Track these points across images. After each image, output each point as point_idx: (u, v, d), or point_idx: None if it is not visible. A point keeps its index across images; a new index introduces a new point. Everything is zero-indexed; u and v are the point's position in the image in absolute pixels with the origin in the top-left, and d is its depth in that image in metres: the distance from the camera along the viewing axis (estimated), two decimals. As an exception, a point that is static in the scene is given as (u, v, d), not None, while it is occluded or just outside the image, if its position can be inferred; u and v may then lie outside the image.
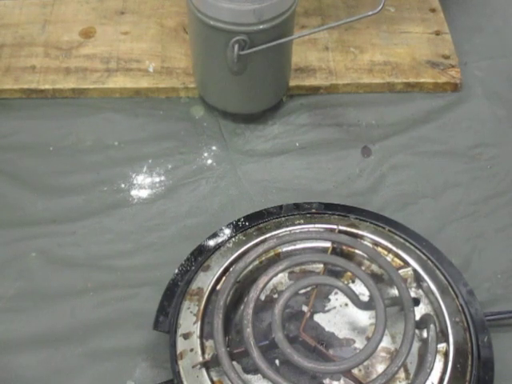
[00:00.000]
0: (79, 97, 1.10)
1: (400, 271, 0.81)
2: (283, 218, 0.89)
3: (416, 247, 0.85)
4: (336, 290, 0.83)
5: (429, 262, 0.84)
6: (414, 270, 0.82)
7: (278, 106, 1.09)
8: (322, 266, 0.83)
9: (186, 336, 0.78)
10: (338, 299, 0.83)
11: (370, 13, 0.89)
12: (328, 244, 0.84)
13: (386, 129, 1.07)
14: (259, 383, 0.77)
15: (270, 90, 1.05)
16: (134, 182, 1.00)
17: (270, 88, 1.04)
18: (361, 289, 0.82)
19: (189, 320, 0.79)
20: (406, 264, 0.83)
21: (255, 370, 0.76)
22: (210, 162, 1.03)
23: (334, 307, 0.83)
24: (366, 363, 0.76)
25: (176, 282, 0.84)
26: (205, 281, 0.82)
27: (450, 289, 0.81)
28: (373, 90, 1.11)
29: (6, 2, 1.21)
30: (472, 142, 1.05)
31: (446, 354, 0.76)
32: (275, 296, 0.84)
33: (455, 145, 1.05)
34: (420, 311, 0.80)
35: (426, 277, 0.82)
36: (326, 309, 0.82)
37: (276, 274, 0.78)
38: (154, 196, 0.99)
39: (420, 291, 0.83)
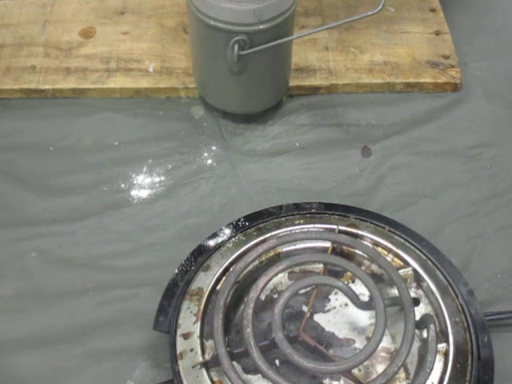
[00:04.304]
0: (79, 97, 1.10)
1: (400, 271, 0.81)
2: (283, 218, 0.89)
3: (416, 247, 0.85)
4: (336, 290, 0.83)
5: (429, 262, 0.84)
6: (414, 270, 0.82)
7: (278, 105, 1.09)
8: (321, 266, 0.83)
9: (186, 336, 0.78)
10: (337, 299, 0.83)
11: (370, 13, 0.89)
12: (328, 244, 0.84)
13: (386, 129, 1.07)
14: (259, 383, 0.77)
15: (269, 90, 1.05)
16: (134, 182, 1.00)
17: (269, 88, 1.04)
18: (361, 289, 0.82)
19: (189, 320, 0.79)
20: (406, 264, 0.83)
21: (255, 370, 0.76)
22: (209, 161, 1.03)
23: (334, 307, 0.83)
24: (365, 363, 0.76)
25: (176, 281, 0.84)
26: (205, 281, 0.82)
27: (450, 289, 0.81)
28: (373, 89, 1.11)
29: (6, 2, 1.21)
30: (472, 142, 1.05)
31: (446, 354, 0.76)
32: (275, 296, 0.84)
33: (455, 145, 1.05)
34: (420, 311, 0.80)
35: (425, 277, 0.82)
36: (326, 309, 0.82)
37: (276, 274, 0.78)
38: (153, 196, 0.99)
39: (420, 291, 0.83)
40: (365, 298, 0.82)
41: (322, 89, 1.10)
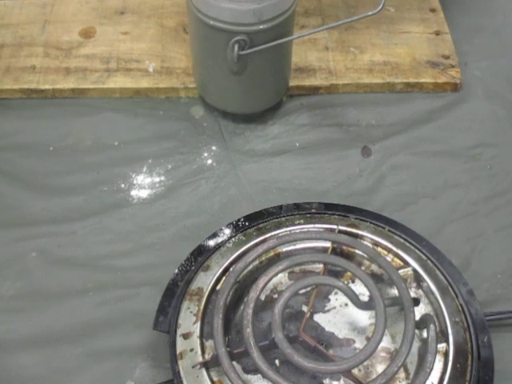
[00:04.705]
0: (79, 97, 1.10)
1: (400, 271, 0.81)
2: (283, 218, 0.89)
3: (416, 247, 0.85)
4: (336, 290, 0.83)
5: (429, 262, 0.84)
6: (414, 270, 0.82)
7: (278, 105, 1.09)
8: (322, 266, 0.83)
9: (186, 336, 0.78)
10: (337, 299, 0.83)
11: (370, 13, 0.89)
12: (328, 244, 0.84)
13: (386, 129, 1.07)
14: (259, 383, 0.77)
15: (270, 90, 1.05)
16: (134, 182, 1.00)
17: (270, 88, 1.04)
18: (361, 289, 0.82)
19: (189, 320, 0.79)
20: (406, 264, 0.83)
21: (255, 370, 0.76)
22: (209, 161, 1.03)
23: (334, 307, 0.83)
24: (365, 363, 0.76)
25: (176, 281, 0.84)
26: (205, 281, 0.82)
27: (450, 289, 0.81)
28: (373, 89, 1.11)
29: (6, 2, 1.21)
30: (472, 142, 1.05)
31: (445, 354, 0.76)
32: (275, 296, 0.84)
33: (455, 145, 1.05)
34: (420, 311, 0.80)
35: (425, 277, 0.82)
36: (326, 309, 0.82)
37: (276, 274, 0.78)
38: (153, 196, 0.99)
39: (420, 291, 0.83)
40: (365, 298, 0.82)
41: (322, 89, 1.10)
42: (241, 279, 0.82)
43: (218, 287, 0.81)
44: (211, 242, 0.88)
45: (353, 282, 0.84)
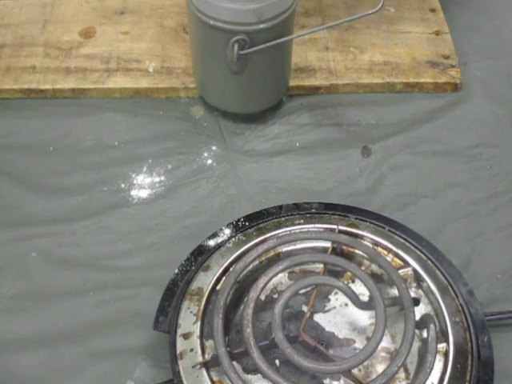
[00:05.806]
0: (79, 97, 1.10)
1: (400, 271, 0.81)
2: (283, 218, 0.89)
3: (416, 247, 0.85)
4: (336, 290, 0.83)
5: (429, 262, 0.84)
6: (414, 270, 0.82)
7: (278, 105, 1.09)
8: (322, 265, 0.83)
9: (186, 336, 0.78)
10: (337, 299, 0.83)
11: (370, 12, 0.89)
12: (328, 244, 0.84)
13: (386, 129, 1.07)
14: (259, 383, 0.77)
15: (270, 90, 1.05)
16: (134, 182, 1.00)
17: (270, 88, 1.04)
18: (361, 289, 0.82)
19: (189, 320, 0.79)
20: (406, 264, 0.83)
21: (255, 370, 0.77)
22: (209, 161, 1.03)
23: (334, 307, 0.83)
24: (365, 363, 0.76)
25: (176, 281, 0.84)
26: (205, 281, 0.82)
27: (450, 289, 0.81)
28: (373, 89, 1.11)
29: (6, 2, 1.21)
30: (472, 142, 1.05)
31: (445, 354, 0.76)
32: (275, 296, 0.84)
33: (455, 145, 1.05)
34: (420, 311, 0.80)
35: (425, 277, 0.82)
36: (326, 309, 0.82)
37: (276, 274, 0.78)
38: (154, 196, 0.99)
39: (420, 291, 0.83)
40: (365, 298, 0.82)
41: (322, 89, 1.10)
42: (241, 279, 0.82)
43: (218, 287, 0.81)
44: (211, 242, 0.88)
45: (353, 281, 0.84)
